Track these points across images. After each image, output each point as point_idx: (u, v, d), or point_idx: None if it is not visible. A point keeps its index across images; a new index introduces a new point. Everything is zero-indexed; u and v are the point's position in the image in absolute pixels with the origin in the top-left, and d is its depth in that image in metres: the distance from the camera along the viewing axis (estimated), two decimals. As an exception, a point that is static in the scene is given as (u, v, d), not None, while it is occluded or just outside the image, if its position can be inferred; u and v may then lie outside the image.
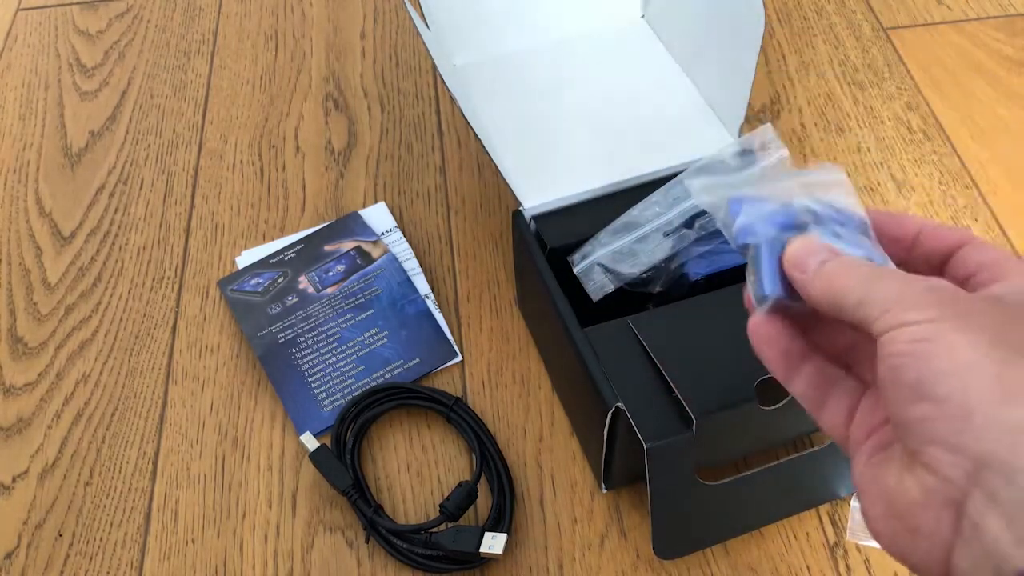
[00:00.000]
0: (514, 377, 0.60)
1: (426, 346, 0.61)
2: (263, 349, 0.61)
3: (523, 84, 0.62)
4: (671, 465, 0.46)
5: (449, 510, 0.52)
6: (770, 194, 0.38)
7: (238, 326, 0.63)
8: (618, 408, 0.45)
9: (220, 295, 0.65)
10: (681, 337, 0.48)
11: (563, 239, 0.53)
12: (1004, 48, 0.80)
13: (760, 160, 0.53)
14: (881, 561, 0.52)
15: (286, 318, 0.63)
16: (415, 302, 0.63)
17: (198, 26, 0.86)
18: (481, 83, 0.62)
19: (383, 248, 0.66)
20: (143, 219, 0.71)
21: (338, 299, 0.63)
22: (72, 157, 0.75)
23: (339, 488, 0.53)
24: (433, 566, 0.52)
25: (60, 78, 0.82)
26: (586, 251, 0.52)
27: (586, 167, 0.56)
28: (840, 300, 0.31)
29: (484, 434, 0.56)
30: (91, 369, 0.62)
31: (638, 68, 0.63)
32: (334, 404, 0.59)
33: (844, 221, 0.36)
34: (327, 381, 0.60)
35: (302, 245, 0.67)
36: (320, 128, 0.76)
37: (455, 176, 0.72)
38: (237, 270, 0.67)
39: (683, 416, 0.45)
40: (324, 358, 0.61)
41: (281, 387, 0.60)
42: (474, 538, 0.50)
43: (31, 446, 0.58)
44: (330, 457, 0.54)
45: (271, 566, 0.53)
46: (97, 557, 0.54)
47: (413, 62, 0.81)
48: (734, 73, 0.55)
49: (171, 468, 0.57)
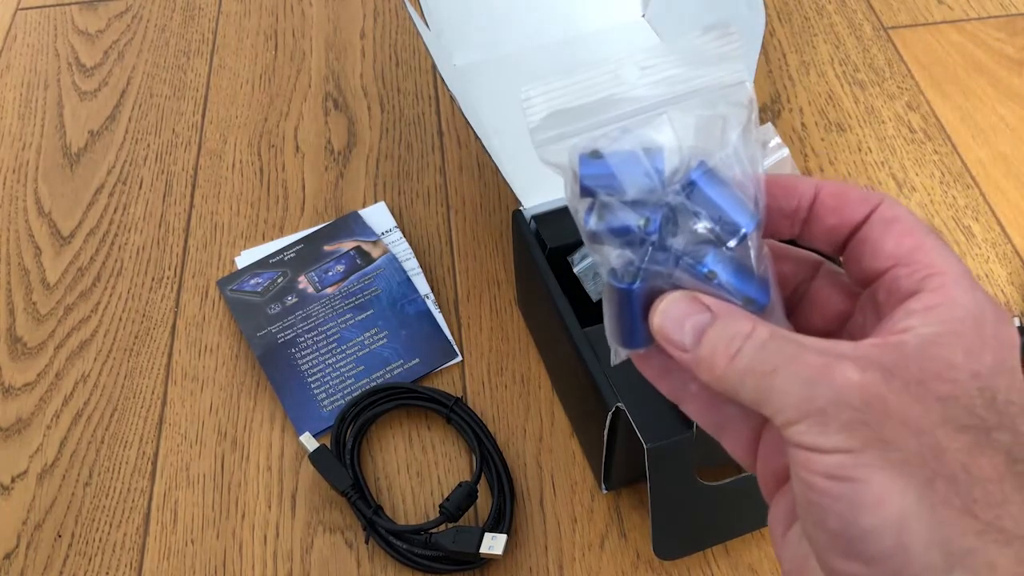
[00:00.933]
0: (514, 377, 0.60)
1: (426, 346, 0.61)
2: (262, 349, 0.61)
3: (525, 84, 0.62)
4: (671, 465, 0.46)
5: (449, 510, 0.52)
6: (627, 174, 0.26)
7: (237, 326, 0.63)
8: (618, 408, 0.45)
9: (219, 295, 0.65)
10: None
11: (563, 239, 0.53)
12: (1005, 48, 0.80)
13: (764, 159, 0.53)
14: (882, 562, 0.52)
15: (285, 318, 0.62)
16: (415, 302, 0.63)
17: (198, 26, 0.86)
18: (482, 83, 0.62)
19: (383, 248, 0.66)
20: (142, 219, 0.71)
21: (338, 299, 0.63)
22: (71, 157, 0.75)
23: (339, 489, 0.53)
24: (433, 567, 0.51)
25: (59, 78, 0.82)
26: (586, 251, 0.52)
27: None
28: (731, 393, 0.25)
29: (484, 434, 0.56)
30: (90, 369, 0.62)
31: None
32: (334, 404, 0.59)
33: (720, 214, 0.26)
34: (326, 381, 0.60)
35: (302, 245, 0.67)
36: (320, 128, 0.76)
37: (455, 176, 0.72)
38: (237, 270, 0.67)
39: (683, 416, 0.45)
40: (324, 358, 0.61)
41: (280, 387, 0.60)
42: (474, 539, 0.50)
43: (30, 446, 0.58)
44: (329, 458, 0.54)
45: (271, 566, 0.53)
46: (96, 557, 0.54)
47: (413, 62, 0.81)
48: None
49: (170, 468, 0.57)
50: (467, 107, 0.53)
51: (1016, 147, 0.72)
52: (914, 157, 0.72)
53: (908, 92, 0.77)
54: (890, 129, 0.74)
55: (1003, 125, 0.74)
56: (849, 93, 0.77)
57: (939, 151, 0.72)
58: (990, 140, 0.73)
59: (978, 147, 0.72)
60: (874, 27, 0.82)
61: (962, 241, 0.66)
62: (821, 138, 0.73)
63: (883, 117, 0.75)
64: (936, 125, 0.74)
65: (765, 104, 0.76)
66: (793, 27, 0.82)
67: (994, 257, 0.65)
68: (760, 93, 0.77)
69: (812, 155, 0.72)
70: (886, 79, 0.78)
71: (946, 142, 0.73)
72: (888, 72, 0.78)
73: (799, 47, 0.81)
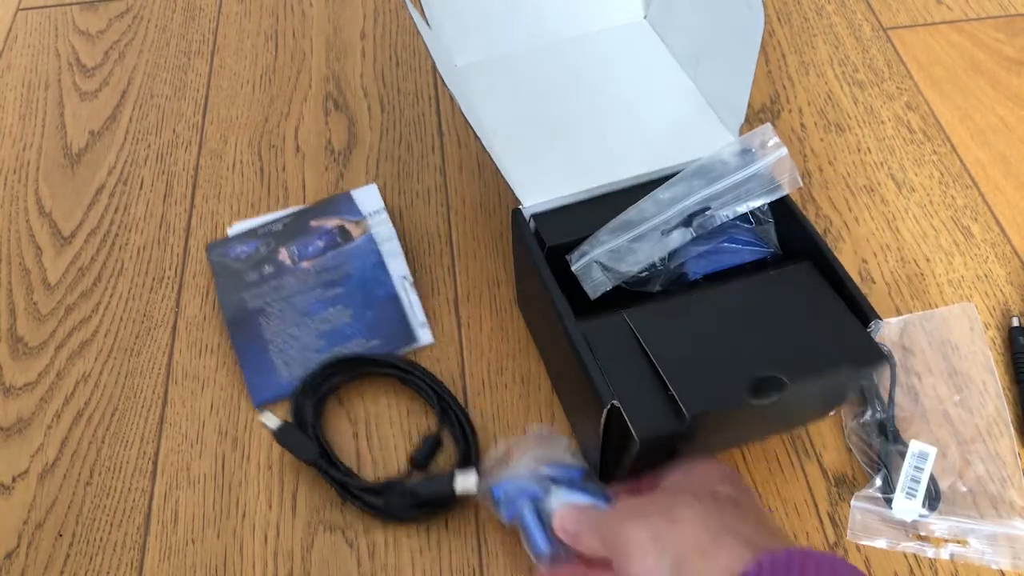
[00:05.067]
0: (514, 377, 0.60)
1: (388, 328, 0.62)
2: (232, 314, 0.63)
3: (525, 84, 0.62)
4: (655, 454, 0.47)
5: (419, 461, 0.54)
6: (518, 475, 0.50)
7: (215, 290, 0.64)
8: (614, 405, 0.46)
9: (220, 295, 0.65)
10: (676, 331, 0.48)
11: (562, 237, 0.53)
12: (1004, 48, 0.80)
13: (759, 159, 0.53)
14: (881, 561, 0.52)
15: (260, 286, 0.64)
16: (385, 284, 0.64)
17: (198, 26, 0.86)
18: (482, 83, 0.62)
19: (364, 228, 0.67)
20: (143, 219, 0.71)
21: (311, 274, 0.65)
22: (72, 157, 0.75)
23: (307, 460, 0.55)
24: (412, 516, 0.53)
25: (60, 78, 0.82)
26: (584, 249, 0.52)
27: (586, 166, 0.56)
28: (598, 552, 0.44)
29: (441, 389, 0.58)
30: (91, 369, 0.62)
31: (639, 68, 0.63)
32: (291, 374, 0.60)
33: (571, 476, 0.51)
34: (287, 351, 0.61)
35: (291, 219, 0.68)
36: (320, 128, 0.76)
37: (455, 176, 0.72)
38: (227, 237, 0.68)
39: (677, 410, 0.45)
40: (288, 329, 0.62)
41: (242, 352, 0.61)
42: (448, 480, 0.52)
43: (31, 446, 0.58)
44: (294, 431, 0.56)
45: (271, 566, 0.53)
46: (97, 557, 0.54)
47: (413, 62, 0.81)
48: (735, 73, 0.55)
49: (171, 468, 0.57)
50: (467, 107, 0.53)
51: (1015, 147, 0.73)
52: (913, 157, 0.72)
53: (907, 92, 0.77)
54: (889, 129, 0.74)
55: (1002, 125, 0.74)
56: (848, 93, 0.77)
57: (938, 151, 0.72)
58: (989, 140, 0.73)
59: (977, 147, 0.73)
60: (873, 27, 0.82)
61: (961, 241, 0.66)
62: (820, 138, 0.74)
63: (882, 117, 0.75)
64: (935, 125, 0.74)
65: (764, 104, 0.76)
66: (792, 27, 0.83)
67: (993, 257, 0.65)
68: (760, 93, 0.77)
69: (811, 155, 0.72)
70: (885, 79, 0.78)
71: (945, 142, 0.73)
72: (887, 72, 0.78)
73: (798, 47, 0.81)
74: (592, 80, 0.62)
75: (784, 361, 0.45)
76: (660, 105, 0.60)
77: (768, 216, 0.54)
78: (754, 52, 0.53)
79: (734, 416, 0.46)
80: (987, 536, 0.52)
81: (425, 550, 0.53)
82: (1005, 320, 0.62)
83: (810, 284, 0.50)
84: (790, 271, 0.51)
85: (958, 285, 0.64)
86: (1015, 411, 0.57)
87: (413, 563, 0.53)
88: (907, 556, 0.52)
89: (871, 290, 0.64)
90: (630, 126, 0.59)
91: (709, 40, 0.59)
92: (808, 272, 0.51)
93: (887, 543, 0.52)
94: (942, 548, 0.52)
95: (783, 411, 0.48)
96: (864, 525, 0.52)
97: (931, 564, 0.52)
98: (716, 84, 0.59)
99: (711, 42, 0.58)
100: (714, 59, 0.58)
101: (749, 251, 0.53)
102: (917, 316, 0.61)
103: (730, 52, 0.56)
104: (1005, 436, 0.55)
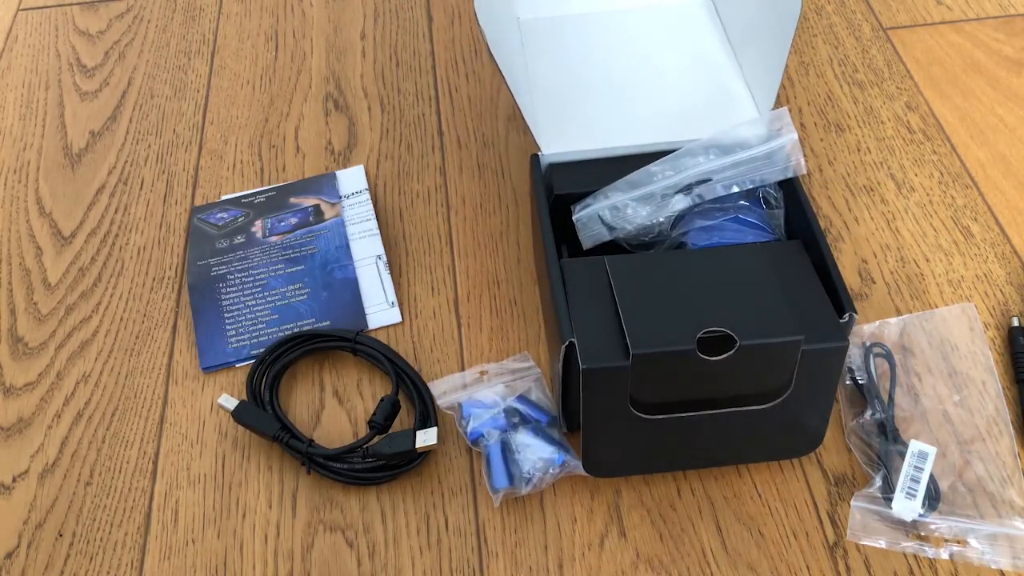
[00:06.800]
0: (514, 377, 0.60)
1: (340, 311, 0.63)
2: (195, 278, 0.65)
3: (575, 45, 0.65)
4: (605, 390, 0.48)
5: (379, 423, 0.56)
6: (489, 398, 0.54)
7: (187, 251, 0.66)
8: (572, 343, 0.47)
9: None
10: (649, 280, 0.50)
11: (571, 188, 0.56)
12: (1004, 48, 0.80)
13: (770, 140, 0.54)
14: (881, 561, 0.52)
15: (227, 255, 0.66)
16: (345, 268, 0.65)
17: (198, 26, 0.86)
18: (537, 38, 0.65)
19: (337, 211, 0.68)
20: (143, 219, 0.71)
21: (277, 248, 0.66)
22: (72, 157, 0.75)
23: (269, 435, 0.55)
24: (376, 476, 0.54)
25: (60, 78, 0.82)
26: (588, 202, 0.55)
27: (610, 127, 0.59)
28: None
29: (392, 354, 0.59)
30: (91, 369, 0.62)
31: (690, 44, 0.65)
32: (240, 343, 0.61)
33: (539, 419, 0.54)
34: (240, 321, 0.62)
35: (274, 193, 0.70)
36: (320, 128, 0.76)
37: (455, 176, 0.72)
38: (215, 201, 0.70)
39: (625, 350, 0.47)
40: (245, 299, 0.64)
41: (198, 315, 0.63)
42: (408, 437, 0.54)
43: (31, 446, 0.58)
44: (253, 409, 0.57)
45: (271, 566, 0.53)
46: (97, 557, 0.54)
47: (413, 62, 0.81)
48: (771, 57, 0.57)
49: (171, 468, 0.57)
50: (497, 52, 0.56)
51: (1015, 147, 0.73)
52: (913, 157, 0.72)
53: (907, 92, 0.77)
54: (889, 129, 0.74)
55: (1002, 125, 0.74)
56: (848, 93, 0.77)
57: (938, 151, 0.72)
58: (989, 140, 0.73)
59: (977, 147, 0.73)
60: (873, 28, 0.82)
61: (961, 241, 0.66)
62: (820, 138, 0.74)
63: (882, 117, 0.75)
64: (935, 125, 0.74)
65: (764, 104, 0.76)
66: (792, 28, 0.83)
67: (993, 257, 0.65)
68: (759, 93, 0.77)
69: (811, 155, 0.72)
70: (885, 79, 0.78)
71: (945, 142, 0.73)
72: (887, 72, 0.78)
73: (798, 47, 0.81)
74: (639, 50, 0.65)
75: (743, 323, 0.47)
76: (697, 81, 0.63)
77: (779, 202, 0.55)
78: (790, 33, 0.54)
79: (680, 365, 0.47)
80: (987, 536, 0.52)
81: (425, 550, 0.53)
82: (1005, 320, 0.62)
83: (794, 261, 0.51)
84: (778, 246, 0.52)
85: (958, 285, 0.64)
86: (1015, 411, 0.57)
87: (413, 563, 0.53)
88: (907, 556, 0.52)
89: (871, 290, 0.64)
90: (662, 96, 0.61)
91: (757, 23, 0.61)
92: (796, 250, 0.52)
93: (887, 543, 0.52)
94: (942, 548, 0.52)
95: (731, 371, 0.48)
96: (864, 525, 0.53)
97: (931, 564, 0.52)
98: (756, 66, 0.61)
99: (759, 25, 0.60)
100: (758, 42, 0.60)
101: (753, 233, 0.55)
102: (917, 316, 0.61)
103: (771, 37, 0.57)
104: (1005, 436, 0.55)
